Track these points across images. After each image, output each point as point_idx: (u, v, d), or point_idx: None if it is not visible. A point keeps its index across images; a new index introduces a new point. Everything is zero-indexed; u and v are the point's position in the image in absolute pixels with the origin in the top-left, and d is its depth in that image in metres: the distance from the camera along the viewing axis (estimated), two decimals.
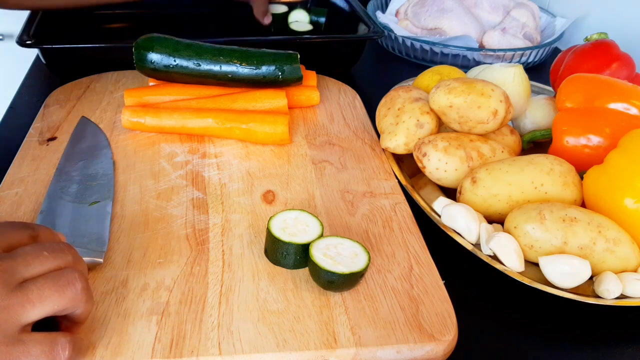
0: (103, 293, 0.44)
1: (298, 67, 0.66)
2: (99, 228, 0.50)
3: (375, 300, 0.45)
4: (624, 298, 0.47)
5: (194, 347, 0.40)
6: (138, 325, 0.42)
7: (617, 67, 0.67)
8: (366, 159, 0.62)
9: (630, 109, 0.57)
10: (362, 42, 0.84)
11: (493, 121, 0.57)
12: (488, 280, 0.51)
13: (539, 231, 0.48)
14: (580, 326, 0.48)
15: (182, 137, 0.64)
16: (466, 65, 0.88)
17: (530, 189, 0.52)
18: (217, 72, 0.66)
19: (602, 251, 0.48)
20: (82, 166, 0.57)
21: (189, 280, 0.46)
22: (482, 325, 0.48)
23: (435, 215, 0.54)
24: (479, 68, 0.68)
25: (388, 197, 0.56)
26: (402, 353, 0.42)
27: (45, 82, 0.78)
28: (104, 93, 0.71)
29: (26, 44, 0.73)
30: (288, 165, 0.60)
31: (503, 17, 0.96)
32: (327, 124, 0.68)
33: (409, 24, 0.95)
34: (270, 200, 0.55)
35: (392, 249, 0.50)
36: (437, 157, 0.56)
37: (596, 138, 0.56)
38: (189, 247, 0.49)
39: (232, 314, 0.43)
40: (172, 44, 0.65)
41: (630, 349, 0.46)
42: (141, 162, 0.59)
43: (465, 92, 0.56)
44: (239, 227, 0.51)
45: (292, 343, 0.41)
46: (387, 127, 0.61)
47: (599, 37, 0.71)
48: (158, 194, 0.55)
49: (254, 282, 0.46)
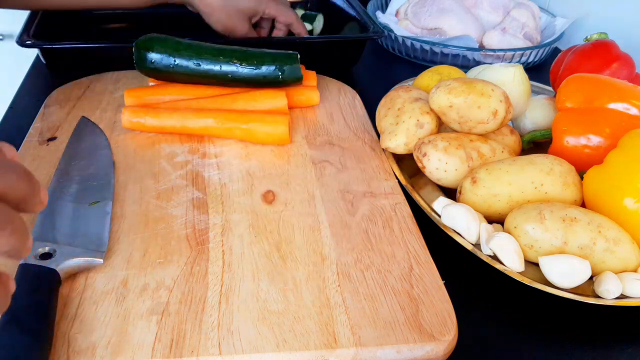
0: (103, 293, 0.44)
1: (298, 67, 0.66)
2: (99, 228, 0.50)
3: (375, 300, 0.45)
4: (624, 298, 0.47)
5: (194, 347, 0.40)
6: (138, 325, 0.42)
7: (617, 67, 0.67)
8: (366, 159, 0.62)
9: (630, 109, 0.57)
10: (362, 42, 0.84)
11: (493, 121, 0.57)
12: (488, 280, 0.51)
13: (539, 231, 0.48)
14: (580, 326, 0.48)
15: (182, 137, 0.64)
16: (466, 65, 0.88)
17: (530, 189, 0.52)
18: (217, 72, 0.66)
19: (602, 251, 0.48)
20: (82, 166, 0.57)
21: (189, 280, 0.46)
22: (482, 325, 0.48)
23: (435, 215, 0.54)
24: (479, 68, 0.68)
25: (388, 197, 0.56)
26: (402, 353, 0.42)
27: (45, 82, 0.78)
28: (104, 93, 0.71)
29: (26, 44, 0.73)
30: (288, 165, 0.60)
31: (503, 17, 0.96)
32: (327, 124, 0.68)
33: (409, 24, 0.95)
34: (270, 200, 0.55)
35: (392, 249, 0.50)
36: (437, 157, 0.56)
37: (596, 138, 0.56)
38: (189, 247, 0.49)
39: (232, 314, 0.43)
40: (172, 44, 0.65)
41: (630, 349, 0.46)
42: (141, 162, 0.59)
43: (465, 92, 0.56)
44: (239, 227, 0.51)
45: (292, 343, 0.41)
46: (387, 127, 0.61)
47: (599, 37, 0.71)
48: (158, 194, 0.55)
49: (254, 282, 0.46)
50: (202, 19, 0.80)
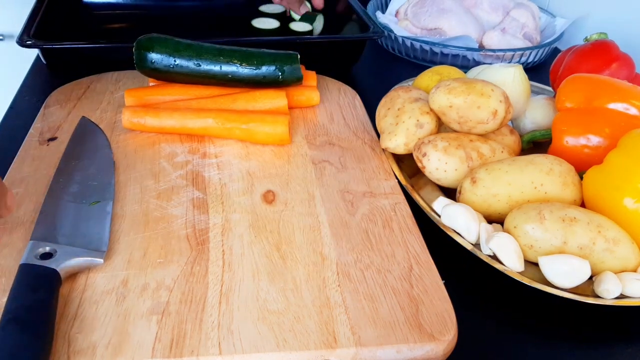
0: (103, 293, 0.44)
1: (298, 67, 0.66)
2: (99, 228, 0.50)
3: (375, 300, 0.45)
4: (624, 298, 0.47)
5: (194, 346, 0.41)
6: (138, 325, 0.42)
7: (617, 67, 0.67)
8: (366, 159, 0.62)
9: (630, 109, 0.57)
10: (362, 42, 0.84)
11: (493, 121, 0.57)
12: (488, 280, 0.51)
13: (538, 231, 0.48)
14: (580, 326, 0.48)
15: (182, 137, 0.64)
16: (466, 66, 0.88)
17: (530, 189, 0.52)
18: (217, 72, 0.66)
19: (601, 251, 0.48)
20: (83, 166, 0.57)
21: (189, 280, 0.46)
22: (482, 325, 0.48)
23: (435, 215, 0.54)
24: (479, 68, 0.68)
25: (388, 197, 0.56)
26: (402, 353, 0.42)
27: (45, 82, 0.78)
28: (104, 93, 0.71)
29: (26, 44, 0.73)
30: (288, 165, 0.60)
31: (503, 17, 0.96)
32: (327, 124, 0.68)
33: (408, 24, 0.95)
34: (270, 200, 0.55)
35: (392, 249, 0.50)
36: (437, 157, 0.56)
37: (596, 138, 0.57)
38: (189, 247, 0.49)
39: (232, 313, 0.43)
40: (173, 44, 0.65)
41: (629, 349, 0.47)
42: (141, 162, 0.60)
43: (465, 92, 0.56)
44: (239, 227, 0.52)
45: (292, 343, 0.41)
46: (387, 127, 0.61)
47: (599, 37, 0.71)
48: (158, 194, 0.55)
49: (254, 282, 0.46)
50: (203, 19, 0.80)
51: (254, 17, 0.95)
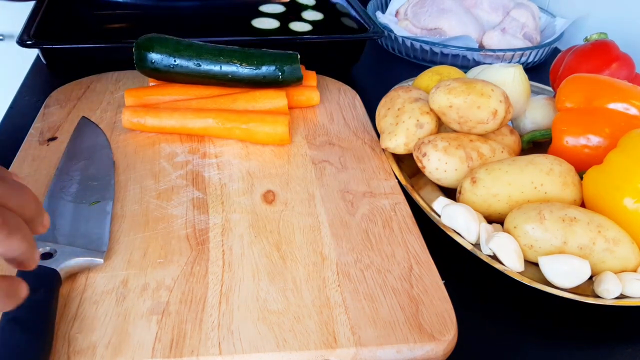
0: (103, 293, 0.44)
1: (298, 67, 0.66)
2: (99, 228, 0.50)
3: (375, 300, 0.45)
4: (624, 298, 0.47)
5: (194, 346, 0.41)
6: (138, 325, 0.42)
7: (617, 67, 0.67)
8: (366, 159, 0.62)
9: (630, 109, 0.57)
10: (362, 42, 0.84)
11: (493, 121, 0.57)
12: (488, 280, 0.51)
13: (538, 231, 0.48)
14: (580, 326, 0.48)
15: (182, 137, 0.64)
16: (466, 66, 0.88)
17: (530, 189, 0.52)
18: (217, 72, 0.66)
19: (601, 251, 0.48)
20: (83, 166, 0.57)
21: (189, 280, 0.46)
22: (482, 325, 0.48)
23: (435, 215, 0.54)
24: (479, 68, 0.68)
25: (388, 197, 0.56)
26: (402, 353, 0.42)
27: (45, 82, 0.78)
28: (104, 93, 0.71)
29: (26, 44, 0.73)
30: (288, 165, 0.60)
31: (503, 17, 0.96)
32: (327, 124, 0.68)
33: (408, 24, 0.95)
34: (270, 200, 0.55)
35: (392, 249, 0.50)
36: (437, 157, 0.56)
37: (596, 138, 0.57)
38: (189, 247, 0.49)
39: (232, 313, 0.43)
40: (173, 44, 0.65)
41: (629, 349, 0.47)
42: (141, 162, 0.60)
43: (465, 92, 0.56)
44: (239, 227, 0.52)
45: (292, 343, 0.41)
46: (387, 127, 0.61)
47: (599, 37, 0.71)
48: (158, 194, 0.55)
49: (254, 282, 0.46)
50: (203, 19, 0.80)
51: (254, 17, 0.95)
